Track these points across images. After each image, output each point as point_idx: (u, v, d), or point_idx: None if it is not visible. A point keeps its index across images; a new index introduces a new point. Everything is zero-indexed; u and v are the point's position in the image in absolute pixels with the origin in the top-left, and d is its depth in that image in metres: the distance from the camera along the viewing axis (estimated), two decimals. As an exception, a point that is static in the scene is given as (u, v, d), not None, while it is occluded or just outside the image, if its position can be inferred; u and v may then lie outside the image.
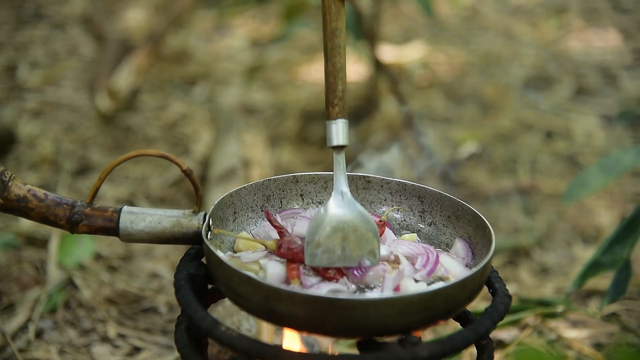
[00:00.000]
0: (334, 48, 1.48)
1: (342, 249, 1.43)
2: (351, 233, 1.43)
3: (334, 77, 1.47)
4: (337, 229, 1.43)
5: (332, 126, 1.47)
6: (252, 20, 4.87)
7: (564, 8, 5.05)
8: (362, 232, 1.44)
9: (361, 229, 1.44)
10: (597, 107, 3.91)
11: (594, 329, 2.38)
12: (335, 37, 1.48)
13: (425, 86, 4.13)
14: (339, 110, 1.47)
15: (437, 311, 1.35)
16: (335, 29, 1.48)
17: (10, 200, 1.51)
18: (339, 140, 1.47)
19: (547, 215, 3.06)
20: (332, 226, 1.43)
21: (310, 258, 1.42)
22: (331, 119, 1.47)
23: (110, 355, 2.27)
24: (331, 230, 1.43)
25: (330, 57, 1.48)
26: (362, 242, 1.43)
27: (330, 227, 1.43)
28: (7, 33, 4.43)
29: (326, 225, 1.44)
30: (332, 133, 1.47)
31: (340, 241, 1.43)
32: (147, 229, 1.52)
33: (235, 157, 3.08)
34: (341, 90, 1.47)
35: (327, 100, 1.48)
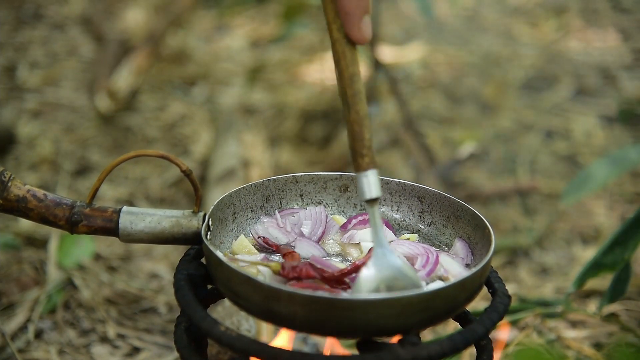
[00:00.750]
0: (355, 95, 1.38)
1: None
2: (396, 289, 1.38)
3: (360, 126, 1.38)
4: (380, 287, 1.37)
5: (363, 179, 1.38)
6: (251, 21, 4.87)
7: (563, 8, 5.05)
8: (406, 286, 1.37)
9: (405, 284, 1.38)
10: (596, 107, 3.91)
11: (593, 329, 2.38)
12: (354, 82, 1.38)
13: (424, 86, 4.13)
14: (369, 160, 1.38)
15: (436, 311, 1.35)
16: (353, 75, 1.38)
17: (9, 200, 1.51)
18: (372, 194, 1.38)
19: (547, 215, 3.06)
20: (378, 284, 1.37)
21: None
22: (361, 171, 1.38)
23: (109, 355, 2.27)
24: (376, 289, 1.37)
25: (352, 104, 1.38)
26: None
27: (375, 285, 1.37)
28: (7, 33, 4.43)
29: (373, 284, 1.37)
30: (363, 186, 1.38)
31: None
32: (147, 229, 1.52)
33: (235, 158, 3.08)
34: (368, 139, 1.38)
35: (354, 151, 1.39)
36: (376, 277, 1.38)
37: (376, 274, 1.38)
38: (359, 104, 1.38)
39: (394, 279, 1.38)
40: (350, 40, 1.38)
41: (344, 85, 1.38)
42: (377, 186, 1.39)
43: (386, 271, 1.38)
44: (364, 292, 1.37)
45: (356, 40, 1.38)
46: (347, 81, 1.38)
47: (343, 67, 1.38)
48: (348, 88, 1.38)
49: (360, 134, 1.38)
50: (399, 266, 1.39)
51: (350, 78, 1.38)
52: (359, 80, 1.39)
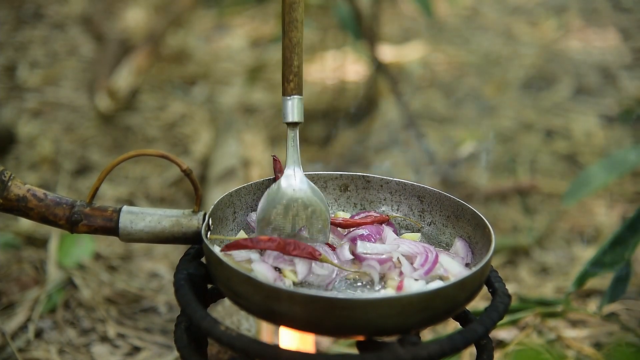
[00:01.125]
0: (291, 22, 1.46)
1: (292, 227, 1.44)
2: (302, 211, 1.45)
3: (290, 52, 1.46)
4: (287, 206, 1.45)
5: (287, 102, 1.47)
6: (251, 20, 4.87)
7: (563, 8, 5.05)
8: (312, 209, 1.45)
9: (312, 206, 1.45)
10: (596, 106, 3.91)
11: (593, 329, 2.38)
12: (293, 10, 1.46)
13: (424, 86, 4.13)
14: (294, 86, 1.47)
15: (436, 311, 1.35)
16: (292, 3, 1.46)
17: (9, 200, 1.51)
18: (294, 117, 1.48)
19: (547, 215, 3.06)
20: (283, 204, 1.45)
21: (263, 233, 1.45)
22: (286, 95, 1.47)
23: (109, 355, 2.27)
24: (282, 208, 1.45)
25: (287, 31, 1.46)
26: (313, 220, 1.45)
27: (281, 205, 1.45)
28: (7, 33, 4.43)
29: (277, 203, 1.45)
30: (287, 109, 1.48)
31: (291, 219, 1.44)
32: (147, 228, 1.51)
33: (235, 157, 3.08)
34: (297, 65, 1.47)
35: (283, 75, 1.47)
36: (282, 194, 1.46)
37: (282, 191, 1.46)
38: (292, 32, 1.46)
39: (300, 199, 1.46)
40: None
41: (284, 12, 1.46)
42: (300, 111, 1.48)
43: (293, 191, 1.46)
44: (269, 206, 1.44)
45: None
46: (287, 8, 1.46)
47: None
48: (286, 15, 1.46)
49: (289, 59, 1.47)
50: (307, 188, 1.46)
51: (290, 5, 1.46)
52: (298, 9, 1.46)
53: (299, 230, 1.44)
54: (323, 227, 1.45)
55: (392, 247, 1.51)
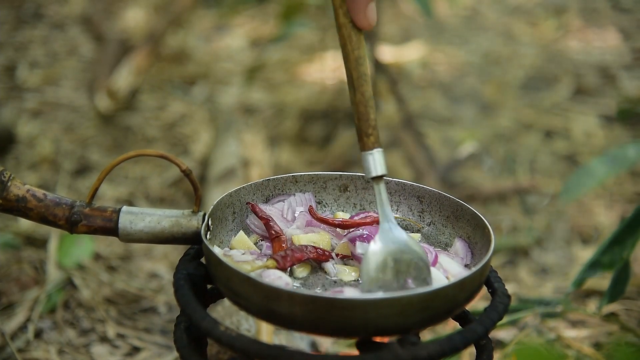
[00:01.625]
0: (360, 77, 1.44)
1: (397, 281, 1.41)
2: (403, 264, 1.42)
3: (365, 107, 1.44)
4: (387, 261, 1.41)
5: (368, 157, 1.43)
6: (251, 20, 4.87)
7: (563, 8, 5.05)
8: (413, 261, 1.41)
9: (412, 259, 1.41)
10: (596, 106, 3.91)
11: (593, 329, 2.38)
12: (360, 65, 1.44)
13: (424, 86, 4.13)
14: (374, 140, 1.44)
15: (436, 311, 1.35)
16: (358, 58, 1.44)
17: (9, 200, 1.51)
18: (377, 171, 1.43)
19: (547, 215, 3.06)
20: (383, 259, 1.41)
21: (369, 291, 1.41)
22: (367, 150, 1.44)
23: (109, 355, 2.27)
24: (382, 264, 1.41)
25: (357, 86, 1.44)
26: (415, 271, 1.42)
27: (382, 260, 1.41)
28: (7, 33, 4.43)
29: (378, 259, 1.41)
30: (369, 164, 1.43)
31: (394, 273, 1.41)
32: (147, 229, 1.52)
33: (235, 157, 3.08)
34: (373, 119, 1.44)
35: (360, 130, 1.44)
36: (382, 250, 1.42)
37: (383, 247, 1.42)
38: (364, 86, 1.44)
39: (401, 252, 1.42)
40: (356, 25, 1.43)
41: (350, 68, 1.44)
42: (383, 164, 1.44)
43: (393, 245, 1.42)
44: (372, 264, 1.41)
45: (361, 25, 1.43)
46: (353, 64, 1.44)
47: (349, 50, 1.44)
48: (354, 71, 1.44)
49: (365, 114, 1.44)
50: (405, 240, 1.43)
51: (356, 61, 1.44)
52: (365, 63, 1.44)
53: (404, 282, 1.41)
54: (426, 277, 1.42)
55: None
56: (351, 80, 1.44)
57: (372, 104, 1.44)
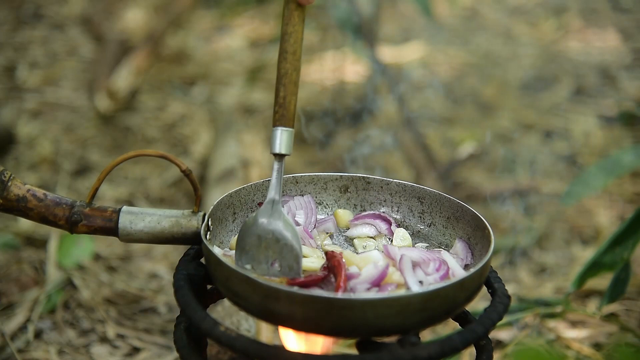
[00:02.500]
0: (281, 53, 1.47)
1: (266, 259, 1.44)
2: (274, 244, 1.44)
3: (278, 83, 1.47)
4: (260, 237, 1.44)
5: (275, 133, 1.47)
6: (251, 21, 4.87)
7: (563, 8, 5.05)
8: (284, 242, 1.44)
9: (283, 240, 1.44)
10: (596, 107, 3.91)
11: (593, 329, 2.38)
12: (284, 42, 1.47)
13: (424, 86, 4.13)
14: (278, 117, 1.46)
15: (435, 311, 1.35)
16: (284, 34, 1.46)
17: (9, 200, 1.51)
18: (280, 149, 1.46)
19: (546, 215, 3.06)
20: (257, 235, 1.45)
21: (238, 262, 1.45)
22: (273, 126, 1.47)
23: (109, 355, 2.27)
24: (256, 239, 1.44)
25: (278, 62, 1.47)
26: (285, 252, 1.44)
27: (255, 236, 1.45)
28: (7, 33, 4.43)
29: (252, 234, 1.45)
30: (274, 140, 1.47)
31: (264, 250, 1.44)
32: (147, 229, 1.52)
33: (235, 158, 3.08)
34: (282, 97, 1.46)
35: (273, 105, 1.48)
36: (258, 228, 1.45)
37: (259, 225, 1.45)
38: (281, 63, 1.47)
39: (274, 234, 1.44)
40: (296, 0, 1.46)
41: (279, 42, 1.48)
42: (285, 144, 1.46)
43: (268, 226, 1.45)
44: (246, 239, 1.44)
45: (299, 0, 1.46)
46: (281, 39, 1.47)
47: (282, 25, 1.47)
48: (280, 46, 1.47)
49: (277, 90, 1.47)
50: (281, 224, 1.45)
51: (282, 36, 1.47)
52: (289, 40, 1.47)
53: (271, 263, 1.44)
54: (294, 263, 1.44)
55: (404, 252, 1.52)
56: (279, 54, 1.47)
57: (285, 81, 1.46)
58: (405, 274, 1.45)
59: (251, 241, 1.44)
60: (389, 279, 1.44)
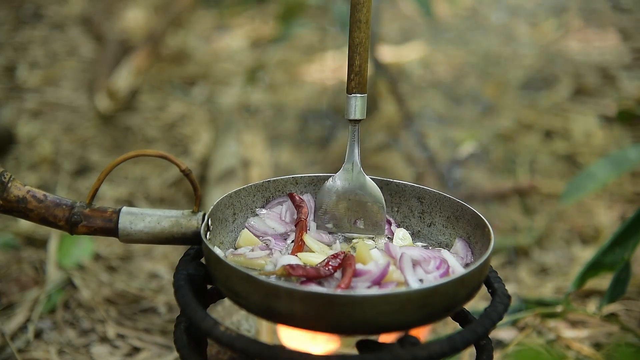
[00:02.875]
0: (354, 23, 1.50)
1: (348, 219, 1.52)
2: (355, 204, 1.52)
3: (352, 52, 1.51)
4: (342, 198, 1.52)
5: (350, 100, 1.53)
6: (251, 21, 4.87)
7: (563, 8, 5.05)
8: (367, 204, 1.52)
9: (366, 201, 1.52)
10: (596, 107, 3.91)
11: (593, 329, 2.38)
12: (357, 11, 1.50)
13: (424, 86, 4.13)
14: (354, 85, 1.52)
15: (435, 308, 1.35)
16: (357, 3, 1.50)
17: (9, 201, 1.51)
18: (356, 114, 1.53)
19: (546, 215, 3.06)
20: (338, 195, 1.53)
21: (319, 222, 1.54)
22: (348, 93, 1.53)
23: (109, 355, 2.27)
24: (335, 199, 1.52)
25: (350, 31, 1.51)
26: (368, 213, 1.52)
27: (335, 196, 1.53)
28: (7, 33, 4.44)
29: (333, 194, 1.53)
30: (349, 107, 1.53)
31: (345, 211, 1.52)
32: (146, 229, 1.52)
33: (235, 158, 3.08)
34: (358, 65, 1.51)
35: (347, 74, 1.53)
36: (339, 188, 1.54)
37: (340, 185, 1.54)
38: (355, 32, 1.51)
39: (356, 193, 1.54)
40: None
41: (350, 12, 1.52)
42: (360, 109, 1.54)
43: (350, 185, 1.54)
44: (327, 199, 1.54)
45: None
46: (351, 9, 1.52)
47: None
48: (350, 16, 1.52)
49: (351, 59, 1.52)
50: (363, 182, 1.54)
51: (354, 6, 1.51)
52: (362, 9, 1.50)
53: (354, 222, 1.52)
54: (378, 221, 1.52)
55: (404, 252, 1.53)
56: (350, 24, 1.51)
57: (360, 50, 1.51)
58: (406, 272, 1.45)
59: (332, 201, 1.53)
60: (389, 277, 1.44)
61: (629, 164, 2.39)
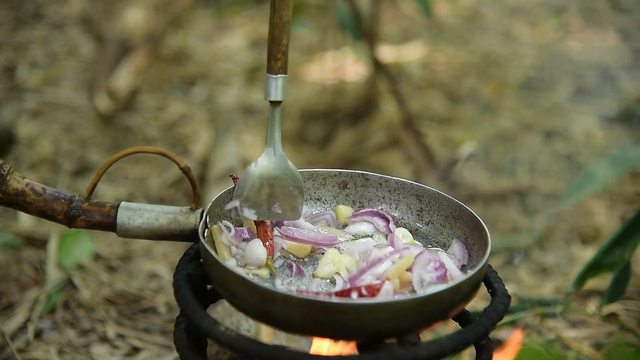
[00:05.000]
0: (282, 0, 1.45)
1: (268, 203, 1.47)
2: (278, 188, 1.48)
3: (280, 31, 1.45)
4: (264, 184, 1.47)
5: (271, 81, 1.47)
6: (251, 20, 4.87)
7: (563, 8, 5.05)
8: (287, 187, 1.48)
9: (287, 185, 1.48)
10: (596, 107, 3.91)
11: (593, 329, 2.38)
12: None
13: (424, 86, 4.13)
14: (281, 65, 1.47)
15: (432, 314, 1.35)
16: None
17: (8, 194, 1.51)
18: (277, 96, 1.48)
19: (546, 215, 3.06)
20: (259, 180, 1.47)
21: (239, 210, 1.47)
22: (272, 74, 1.47)
23: (109, 355, 2.27)
24: (258, 185, 1.47)
25: (277, 9, 1.45)
26: (288, 198, 1.48)
27: (258, 182, 1.47)
28: (6, 33, 4.43)
29: (254, 180, 1.47)
30: (271, 88, 1.47)
31: (267, 196, 1.47)
32: (145, 225, 1.51)
33: (235, 157, 3.08)
34: (285, 44, 1.46)
35: (270, 53, 1.46)
36: (260, 172, 1.48)
37: (262, 170, 1.48)
38: (284, 10, 1.45)
39: (276, 178, 1.48)
40: None
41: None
42: (283, 90, 1.48)
43: (271, 169, 1.48)
44: (248, 184, 1.46)
45: None
46: None
47: None
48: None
49: (279, 38, 1.46)
50: (285, 166, 1.49)
51: None
52: None
53: (272, 206, 1.47)
54: (296, 205, 1.48)
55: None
56: (273, 2, 1.45)
57: (287, 29, 1.45)
58: (414, 272, 1.46)
59: (253, 187, 1.47)
60: (395, 273, 1.44)
61: (629, 164, 2.39)
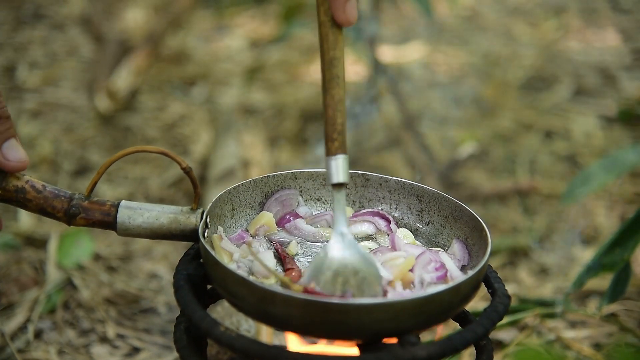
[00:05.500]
0: (332, 79, 1.40)
1: (342, 293, 1.36)
2: (352, 277, 1.36)
3: (333, 110, 1.40)
4: (337, 273, 1.36)
5: (331, 162, 1.39)
6: (251, 21, 4.86)
7: (563, 8, 5.05)
8: (363, 275, 1.37)
9: (362, 272, 1.37)
10: (596, 107, 3.91)
11: (593, 330, 2.38)
12: (333, 67, 1.40)
13: (424, 86, 4.13)
14: (339, 145, 1.39)
15: (431, 315, 1.35)
16: (333, 59, 1.40)
17: (8, 190, 1.51)
18: (339, 178, 1.39)
19: (547, 215, 3.06)
20: (332, 270, 1.36)
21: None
22: (330, 155, 1.39)
23: (109, 355, 2.26)
24: (331, 275, 1.36)
25: (328, 88, 1.40)
26: (364, 286, 1.36)
27: (331, 272, 1.37)
28: (6, 33, 4.43)
29: (326, 270, 1.37)
30: (332, 170, 1.39)
31: (341, 286, 1.36)
32: (145, 224, 1.51)
33: (235, 158, 3.08)
34: (340, 123, 1.39)
35: (326, 134, 1.40)
36: (332, 265, 1.37)
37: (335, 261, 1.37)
38: (335, 89, 1.40)
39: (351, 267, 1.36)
40: (336, 22, 1.39)
41: (324, 68, 1.41)
42: (345, 171, 1.39)
43: (344, 260, 1.37)
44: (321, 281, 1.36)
45: (340, 22, 1.39)
46: (327, 65, 1.40)
47: (325, 50, 1.40)
48: (327, 71, 1.40)
49: (332, 118, 1.40)
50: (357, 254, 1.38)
51: (330, 62, 1.40)
52: (339, 65, 1.40)
53: (347, 295, 1.36)
54: (375, 295, 1.37)
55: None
56: (324, 81, 1.40)
57: (341, 107, 1.39)
58: (415, 272, 1.46)
59: (325, 277, 1.36)
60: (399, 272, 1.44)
61: (629, 164, 2.39)
